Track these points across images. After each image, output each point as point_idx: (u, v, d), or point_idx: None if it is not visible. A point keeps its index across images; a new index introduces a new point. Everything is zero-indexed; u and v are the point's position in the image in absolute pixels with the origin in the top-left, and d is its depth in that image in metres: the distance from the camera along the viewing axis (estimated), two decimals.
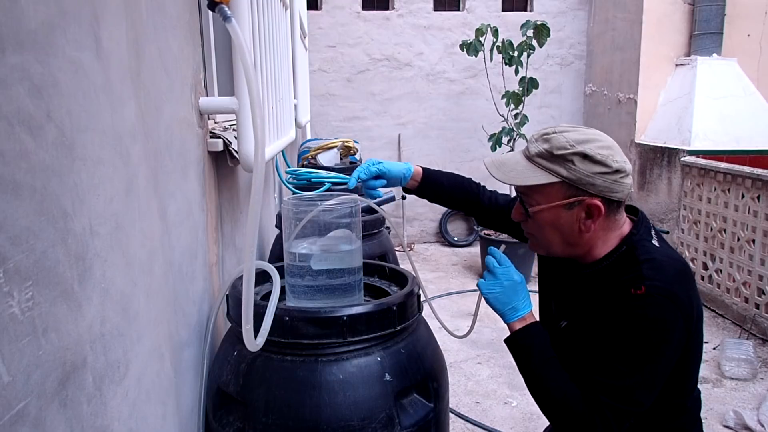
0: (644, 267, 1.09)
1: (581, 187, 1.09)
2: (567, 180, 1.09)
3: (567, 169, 1.09)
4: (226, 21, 1.01)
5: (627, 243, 1.14)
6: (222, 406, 1.23)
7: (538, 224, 1.17)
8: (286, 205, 1.35)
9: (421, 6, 5.78)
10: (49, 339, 0.59)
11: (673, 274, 1.09)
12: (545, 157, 1.11)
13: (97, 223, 0.73)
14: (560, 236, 1.16)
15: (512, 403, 2.95)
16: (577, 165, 1.08)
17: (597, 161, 1.07)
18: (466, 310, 4.23)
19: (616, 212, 1.14)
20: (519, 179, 1.14)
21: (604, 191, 1.09)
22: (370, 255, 2.12)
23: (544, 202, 1.13)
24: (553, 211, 1.13)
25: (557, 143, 1.09)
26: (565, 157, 1.08)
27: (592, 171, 1.08)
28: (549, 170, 1.10)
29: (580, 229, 1.13)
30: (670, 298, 1.06)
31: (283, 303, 1.34)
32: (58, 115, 0.63)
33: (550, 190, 1.12)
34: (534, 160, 1.13)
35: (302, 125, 3.46)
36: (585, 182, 1.08)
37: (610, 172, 1.08)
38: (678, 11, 5.02)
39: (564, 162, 1.09)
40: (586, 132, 1.11)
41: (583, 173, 1.08)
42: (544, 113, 6.05)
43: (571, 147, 1.08)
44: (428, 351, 1.28)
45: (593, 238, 1.15)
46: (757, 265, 3.64)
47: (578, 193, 1.10)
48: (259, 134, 0.91)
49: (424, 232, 6.20)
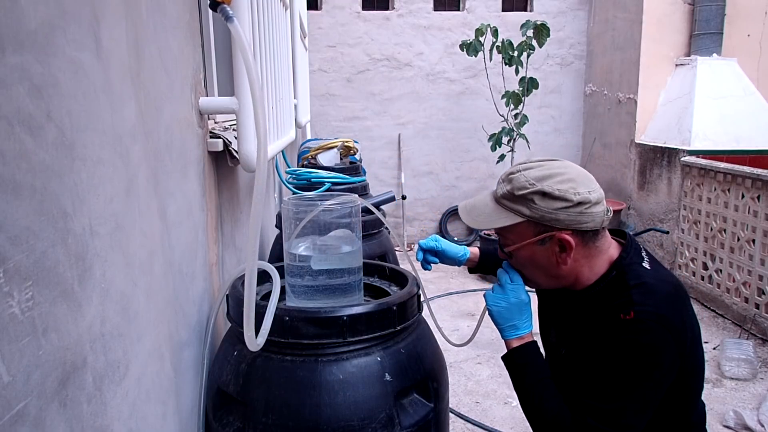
0: (634, 292, 1.09)
1: (547, 223, 1.10)
2: (531, 219, 1.11)
3: (529, 208, 1.10)
4: (228, 21, 1.02)
5: (617, 268, 1.15)
6: (222, 406, 1.23)
7: (519, 262, 1.19)
8: (286, 205, 1.35)
9: (421, 6, 5.78)
10: (49, 339, 0.59)
11: (664, 297, 1.09)
12: (509, 198, 1.13)
13: (97, 223, 0.73)
14: (542, 271, 1.18)
15: (512, 403, 2.95)
16: (537, 203, 1.09)
17: (556, 197, 1.08)
18: (466, 311, 4.23)
19: (594, 240, 1.14)
20: (486, 223, 1.17)
21: (572, 224, 1.10)
22: (370, 255, 2.12)
23: (517, 240, 1.16)
24: (528, 248, 1.15)
25: (518, 183, 1.11)
26: (526, 196, 1.10)
27: (553, 207, 1.09)
28: (513, 211, 1.13)
29: (557, 263, 1.14)
30: (661, 323, 1.06)
31: (283, 303, 1.34)
32: (58, 115, 0.63)
33: (520, 230, 1.14)
34: (500, 201, 1.16)
35: (302, 125, 3.46)
36: (549, 219, 1.10)
37: (573, 205, 1.08)
38: (678, 11, 5.02)
39: (525, 201, 1.11)
40: (549, 167, 1.12)
41: (545, 211, 1.09)
42: (544, 113, 6.05)
43: (530, 186, 1.10)
44: (428, 351, 1.28)
45: (575, 268, 1.15)
46: (757, 265, 3.64)
47: (546, 229, 1.11)
48: (262, 133, 0.91)
49: (424, 232, 6.20)
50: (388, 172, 6.02)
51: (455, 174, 6.13)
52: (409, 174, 6.05)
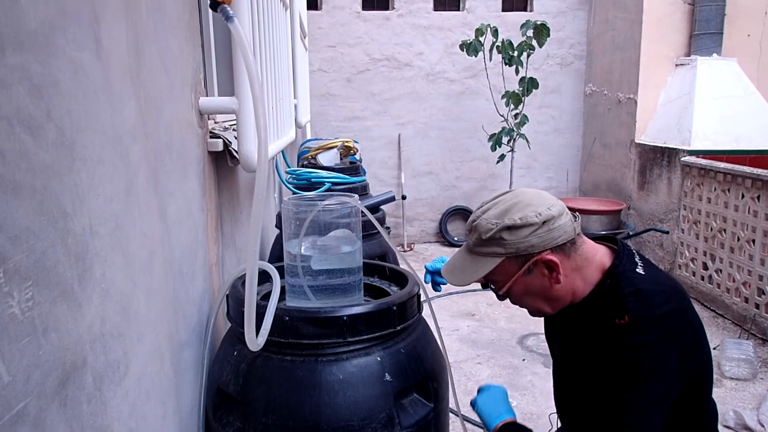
0: (629, 300, 1.09)
1: (524, 253, 1.12)
2: (509, 255, 1.12)
3: (502, 245, 1.12)
4: (229, 21, 1.02)
5: (610, 276, 1.14)
6: (222, 406, 1.23)
7: (516, 298, 1.20)
8: (286, 205, 1.35)
9: (421, 6, 5.78)
10: (49, 339, 0.59)
11: (660, 302, 1.09)
12: (479, 244, 1.15)
13: (97, 223, 0.73)
14: (540, 298, 1.18)
15: (512, 403, 2.94)
16: (507, 239, 1.11)
17: (521, 226, 1.10)
18: (466, 311, 4.23)
19: (574, 250, 1.15)
20: (471, 276, 1.18)
21: (547, 244, 1.11)
22: (370, 255, 2.12)
23: (506, 279, 1.16)
24: (519, 282, 1.16)
25: (483, 228, 1.13)
26: (494, 237, 1.11)
27: (523, 236, 1.10)
28: (489, 255, 1.14)
29: (551, 284, 1.15)
30: (657, 324, 1.06)
31: (282, 303, 1.34)
32: (58, 115, 0.63)
33: (503, 269, 1.15)
34: (474, 251, 1.17)
35: (302, 125, 3.47)
36: (525, 247, 1.11)
37: (539, 226, 1.10)
38: (678, 11, 5.02)
39: (496, 241, 1.12)
40: (504, 201, 1.14)
41: (517, 242, 1.11)
42: (544, 113, 6.05)
43: (494, 226, 1.11)
44: (428, 351, 1.28)
45: (568, 283, 1.16)
46: (757, 265, 3.64)
47: (527, 258, 1.12)
48: (262, 133, 0.91)
49: (424, 232, 6.20)
50: (388, 172, 6.02)
51: (455, 174, 6.13)
52: (409, 174, 6.05)
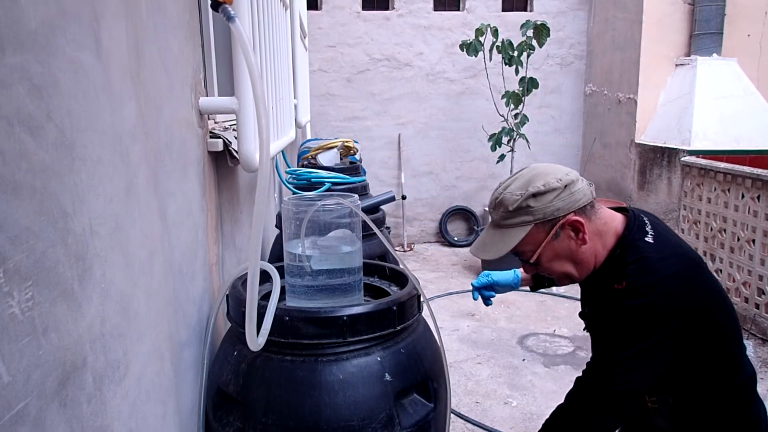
0: (630, 268, 1.15)
1: (551, 217, 1.18)
2: (537, 221, 1.18)
3: (530, 213, 1.18)
4: (230, 21, 1.02)
5: (620, 246, 1.21)
6: (222, 406, 1.23)
7: (546, 265, 1.24)
8: (286, 205, 1.35)
9: (421, 6, 5.78)
10: (49, 339, 0.59)
11: (661, 269, 1.14)
12: (507, 217, 1.20)
13: (97, 223, 0.73)
14: (568, 262, 1.23)
15: (512, 403, 2.95)
16: (534, 205, 1.17)
17: (545, 191, 1.17)
18: (466, 311, 4.23)
19: (594, 213, 1.22)
20: (503, 248, 1.22)
21: (571, 206, 1.18)
22: (370, 255, 2.12)
23: (535, 247, 1.21)
24: (548, 248, 1.21)
25: (508, 201, 1.19)
26: (521, 206, 1.18)
27: (548, 200, 1.17)
28: (518, 224, 1.20)
29: (578, 246, 1.20)
30: (652, 290, 1.11)
31: (282, 303, 1.34)
32: (58, 115, 0.63)
33: (532, 237, 1.20)
34: (502, 225, 1.22)
35: (302, 125, 3.47)
36: (551, 211, 1.17)
37: (562, 190, 1.17)
38: (678, 11, 5.02)
39: (523, 210, 1.18)
40: (522, 175, 1.22)
41: (543, 208, 1.17)
42: (544, 113, 6.05)
43: (519, 196, 1.18)
44: (428, 351, 1.28)
45: (591, 247, 1.21)
46: (757, 265, 3.64)
47: (554, 222, 1.18)
48: (264, 132, 0.91)
49: (424, 232, 6.20)
50: (388, 172, 6.02)
51: (455, 174, 6.13)
52: (409, 174, 6.05)
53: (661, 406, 1.25)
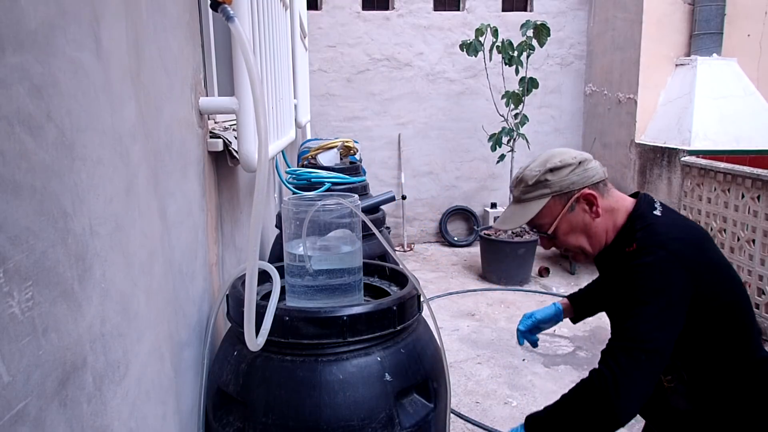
0: (639, 234, 1.24)
1: (567, 190, 1.29)
2: (554, 193, 1.30)
3: (548, 186, 1.30)
4: (229, 21, 1.02)
5: (630, 219, 1.30)
6: (222, 406, 1.23)
7: (562, 238, 1.34)
8: (286, 205, 1.35)
9: (421, 6, 5.78)
10: (49, 339, 0.59)
11: (669, 232, 1.22)
12: (528, 191, 1.32)
13: (97, 223, 0.73)
14: (582, 235, 1.32)
15: (512, 403, 2.95)
16: (551, 179, 1.29)
17: (561, 166, 1.29)
18: (466, 311, 4.23)
19: (606, 191, 1.32)
20: (522, 218, 1.34)
21: (585, 181, 1.29)
22: (370, 255, 2.12)
23: (552, 220, 1.32)
24: (563, 220, 1.31)
25: (528, 176, 1.32)
26: (539, 180, 1.30)
27: (564, 174, 1.29)
28: (536, 197, 1.31)
29: (592, 219, 1.30)
30: (661, 247, 1.19)
31: (282, 303, 1.34)
32: (58, 115, 0.63)
33: (549, 210, 1.31)
34: (522, 199, 1.34)
35: (302, 125, 3.47)
36: (566, 184, 1.29)
37: (576, 165, 1.29)
38: (678, 11, 5.02)
39: (541, 184, 1.30)
40: (540, 156, 1.35)
41: (559, 181, 1.29)
42: (544, 113, 6.05)
43: (538, 171, 1.30)
44: (428, 351, 1.28)
45: (604, 222, 1.31)
46: (757, 265, 3.64)
47: (569, 195, 1.30)
48: (262, 132, 0.91)
49: (424, 232, 6.20)
50: (388, 172, 6.02)
51: (455, 174, 6.13)
52: (409, 174, 6.05)
53: (678, 384, 1.27)
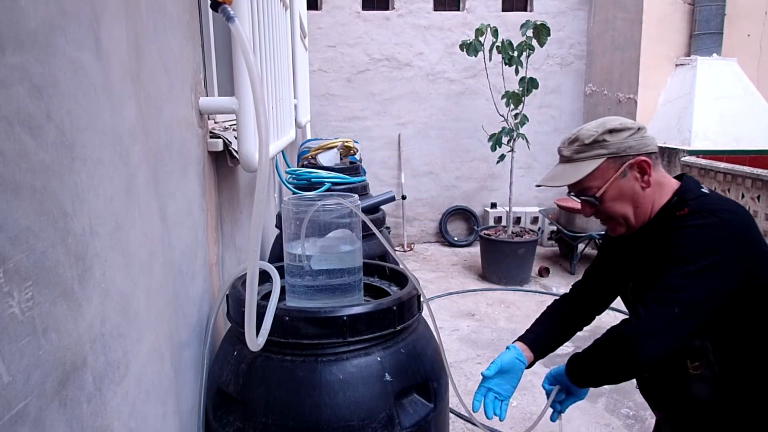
0: (690, 201, 1.21)
1: (623, 153, 1.24)
2: (610, 155, 1.25)
3: (604, 147, 1.25)
4: (229, 21, 1.02)
5: (677, 193, 1.27)
6: (222, 406, 1.23)
7: (608, 204, 1.28)
8: (286, 205, 1.35)
9: (421, 6, 5.78)
10: (49, 339, 0.59)
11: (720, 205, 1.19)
12: (581, 150, 1.27)
13: (97, 223, 0.73)
14: (629, 203, 1.28)
15: (512, 403, 2.95)
16: (609, 140, 1.24)
17: (621, 129, 1.25)
18: (466, 310, 4.23)
19: (657, 164, 1.29)
20: (574, 177, 1.27)
21: (642, 148, 1.25)
22: (370, 255, 2.12)
23: (602, 183, 1.26)
24: (613, 185, 1.26)
25: (584, 135, 1.26)
26: (597, 140, 1.25)
27: (623, 137, 1.24)
28: (591, 157, 1.26)
29: (642, 188, 1.26)
30: (713, 214, 1.15)
31: (282, 303, 1.34)
32: (58, 115, 0.63)
33: (601, 172, 1.26)
34: (574, 158, 1.28)
35: (302, 125, 3.46)
36: (624, 148, 1.24)
37: (635, 131, 1.26)
38: (678, 11, 5.02)
39: (598, 144, 1.25)
40: (595, 120, 1.30)
41: (618, 143, 1.24)
42: (544, 113, 6.05)
43: (595, 131, 1.25)
44: (428, 351, 1.28)
45: (652, 194, 1.27)
46: None
47: (624, 160, 1.25)
48: (263, 132, 0.91)
49: (424, 232, 6.20)
50: (388, 172, 6.02)
51: (455, 174, 6.13)
52: (409, 174, 6.04)
53: (705, 371, 1.22)
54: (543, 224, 5.83)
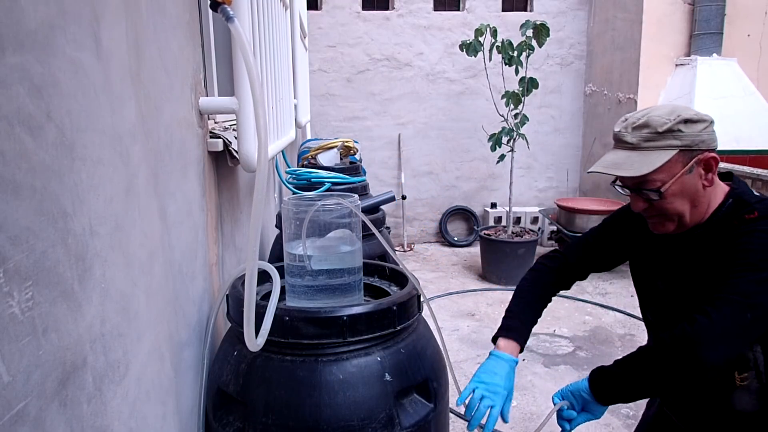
0: (757, 205, 1.14)
1: (694, 147, 1.15)
2: (683, 147, 1.15)
3: (678, 138, 1.14)
4: (229, 21, 1.02)
5: (732, 196, 1.20)
6: (222, 406, 1.23)
7: (668, 200, 1.18)
8: (286, 205, 1.35)
9: (421, 6, 5.78)
10: (49, 339, 0.59)
11: None
12: (652, 138, 1.15)
13: (97, 223, 0.73)
14: (689, 201, 1.19)
15: (512, 403, 2.95)
16: (684, 131, 1.14)
17: (697, 120, 1.15)
18: (466, 311, 4.23)
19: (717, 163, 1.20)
20: (644, 168, 1.15)
21: (711, 143, 1.17)
22: (370, 255, 2.12)
23: (668, 178, 1.16)
24: (678, 181, 1.16)
25: (656, 122, 1.15)
26: (672, 129, 1.14)
27: (698, 130, 1.15)
28: (663, 148, 1.15)
29: (703, 186, 1.18)
30: None
31: (282, 303, 1.34)
32: (58, 115, 0.63)
33: (670, 165, 1.15)
34: (642, 146, 1.16)
35: (302, 125, 3.47)
36: (697, 141, 1.15)
37: (709, 124, 1.17)
38: (678, 11, 5.02)
39: (672, 134, 1.14)
40: (665, 105, 1.18)
41: (692, 135, 1.15)
42: (544, 113, 6.05)
43: (669, 119, 1.14)
44: (428, 351, 1.28)
45: (710, 192, 1.19)
46: None
47: (693, 154, 1.15)
48: (262, 133, 0.91)
49: (424, 232, 6.20)
50: (388, 172, 6.02)
51: (455, 174, 6.13)
52: (409, 174, 6.04)
53: (752, 382, 1.16)
54: (543, 224, 5.83)
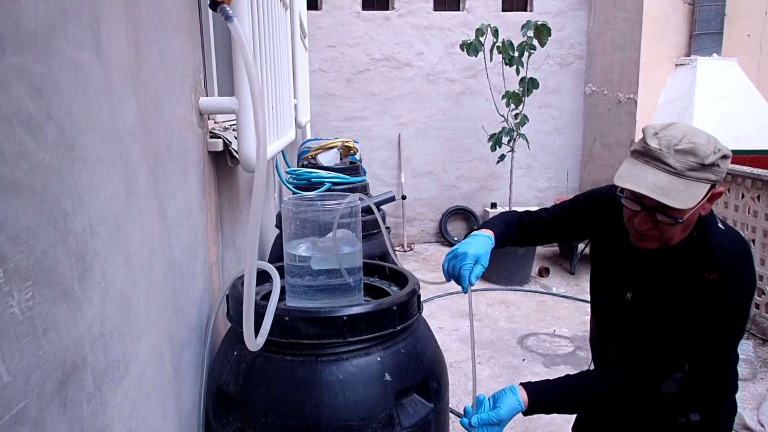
0: (716, 252, 1.20)
1: (718, 181, 1.17)
2: (715, 182, 1.15)
3: (714, 173, 1.14)
4: (228, 21, 1.02)
5: (697, 228, 1.23)
6: (222, 406, 1.23)
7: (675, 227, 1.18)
8: (286, 205, 1.35)
9: (421, 6, 5.78)
10: (49, 339, 0.59)
11: (739, 259, 1.22)
12: (697, 169, 1.12)
13: (97, 223, 0.73)
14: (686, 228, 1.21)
15: None
16: (721, 167, 1.14)
17: (727, 156, 1.15)
18: (466, 311, 4.22)
19: None
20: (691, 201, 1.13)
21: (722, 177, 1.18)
22: (370, 255, 2.12)
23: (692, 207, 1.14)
24: (696, 210, 1.17)
25: (703, 153, 1.12)
26: (714, 163, 1.13)
27: (726, 165, 1.16)
28: (702, 180, 1.14)
29: (700, 214, 1.21)
30: (739, 282, 1.20)
31: (282, 303, 1.34)
32: (58, 115, 0.63)
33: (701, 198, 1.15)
34: (686, 175, 1.13)
35: (302, 125, 3.46)
36: (722, 177, 1.16)
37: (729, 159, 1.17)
38: (678, 11, 5.01)
39: (712, 168, 1.13)
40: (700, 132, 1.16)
41: (722, 172, 1.15)
42: (544, 113, 6.05)
43: (714, 153, 1.13)
44: (428, 351, 1.28)
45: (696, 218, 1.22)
46: (757, 265, 3.63)
47: (713, 186, 1.16)
48: (261, 133, 0.91)
49: (424, 232, 6.20)
50: (388, 172, 6.02)
51: (455, 174, 6.13)
52: (409, 174, 6.04)
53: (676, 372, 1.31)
54: None
